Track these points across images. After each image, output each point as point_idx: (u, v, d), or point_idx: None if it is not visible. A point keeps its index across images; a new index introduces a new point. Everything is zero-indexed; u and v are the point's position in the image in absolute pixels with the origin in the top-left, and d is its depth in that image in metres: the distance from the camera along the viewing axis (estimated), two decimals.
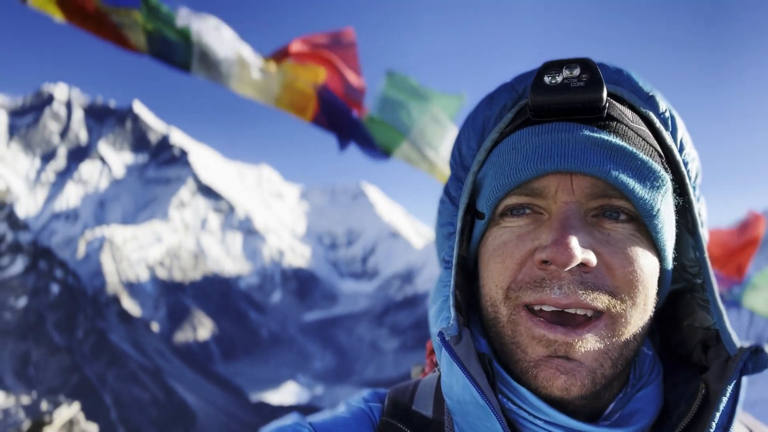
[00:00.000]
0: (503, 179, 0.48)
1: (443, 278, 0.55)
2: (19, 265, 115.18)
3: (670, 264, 0.50)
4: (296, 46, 2.75)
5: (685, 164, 0.51)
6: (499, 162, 0.49)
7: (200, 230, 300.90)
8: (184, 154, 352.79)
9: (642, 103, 0.50)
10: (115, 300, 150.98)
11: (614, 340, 0.46)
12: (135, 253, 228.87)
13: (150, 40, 2.33)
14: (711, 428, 0.44)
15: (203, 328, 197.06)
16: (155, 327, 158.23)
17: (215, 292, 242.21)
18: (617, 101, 0.50)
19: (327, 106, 2.72)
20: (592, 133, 0.46)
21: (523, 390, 0.47)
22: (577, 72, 0.46)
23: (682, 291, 0.54)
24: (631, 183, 0.45)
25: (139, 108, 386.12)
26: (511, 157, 0.48)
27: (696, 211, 0.51)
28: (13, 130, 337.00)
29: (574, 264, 0.44)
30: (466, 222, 0.54)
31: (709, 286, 0.50)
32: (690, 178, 0.52)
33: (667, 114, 0.51)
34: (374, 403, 0.57)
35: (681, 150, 0.51)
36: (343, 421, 0.55)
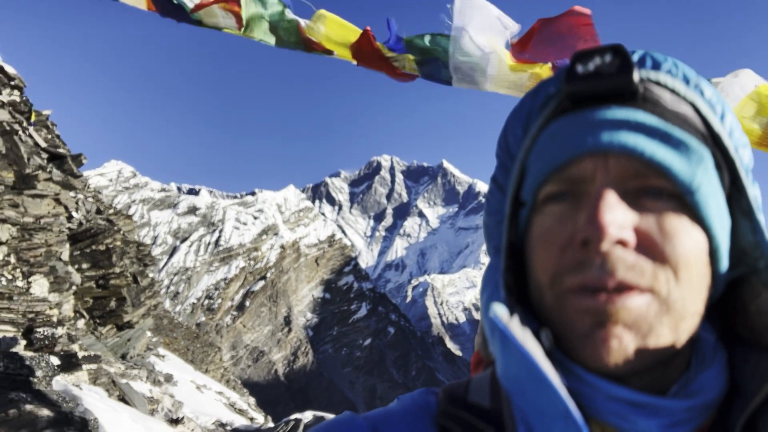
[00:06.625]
0: (541, 166, 0.49)
1: (493, 265, 0.55)
2: (363, 309, 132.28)
3: (722, 244, 0.48)
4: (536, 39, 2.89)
5: (736, 149, 0.50)
6: (538, 150, 0.50)
7: None
8: None
9: (685, 88, 0.49)
10: (440, 341, 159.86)
11: (662, 317, 0.44)
12: (453, 297, 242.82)
13: (420, 64, 2.98)
14: None
15: None
16: None
17: None
18: (658, 87, 0.48)
19: None
20: (626, 114, 0.46)
21: (576, 367, 0.45)
22: (608, 59, 0.46)
23: (745, 275, 0.51)
24: (667, 159, 0.45)
25: (447, 165, 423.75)
26: (548, 144, 0.49)
27: (751, 195, 0.49)
28: (353, 198, 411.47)
29: (609, 240, 0.43)
30: (514, 210, 0.54)
31: None
32: (743, 163, 0.50)
33: (714, 100, 0.50)
34: (429, 396, 0.57)
35: (731, 135, 0.50)
36: (399, 412, 0.54)
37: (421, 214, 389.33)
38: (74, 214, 11.15)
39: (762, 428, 0.43)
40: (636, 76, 0.46)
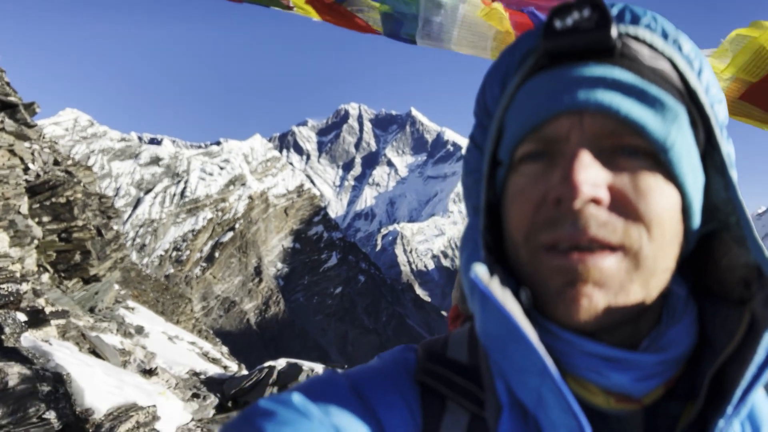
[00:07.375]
0: (517, 126, 0.49)
1: (472, 225, 0.54)
2: (334, 258, 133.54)
3: (695, 201, 0.48)
4: None
5: (712, 105, 0.50)
6: (515, 109, 0.50)
7: None
8: (457, 149, 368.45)
9: (664, 43, 0.48)
10: (409, 288, 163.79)
11: (633, 274, 0.45)
12: (422, 245, 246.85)
13: (384, 20, 2.73)
14: (756, 352, 0.43)
15: None
16: (444, 313, 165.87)
17: None
18: (637, 42, 0.48)
19: None
20: (602, 71, 0.45)
21: (551, 324, 0.47)
22: (586, 13, 0.46)
23: (716, 231, 0.52)
24: (642, 118, 0.44)
25: (416, 113, 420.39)
26: (525, 102, 0.48)
27: (724, 152, 0.50)
28: (321, 147, 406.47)
29: (582, 198, 0.43)
30: (492, 169, 0.54)
31: (745, 221, 0.49)
32: (718, 119, 0.50)
33: (692, 55, 0.49)
34: (408, 353, 0.57)
35: (707, 91, 0.50)
36: (379, 369, 0.54)
37: (389, 163, 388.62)
38: (31, 165, 10.69)
39: (729, 380, 0.44)
40: (614, 31, 0.45)
